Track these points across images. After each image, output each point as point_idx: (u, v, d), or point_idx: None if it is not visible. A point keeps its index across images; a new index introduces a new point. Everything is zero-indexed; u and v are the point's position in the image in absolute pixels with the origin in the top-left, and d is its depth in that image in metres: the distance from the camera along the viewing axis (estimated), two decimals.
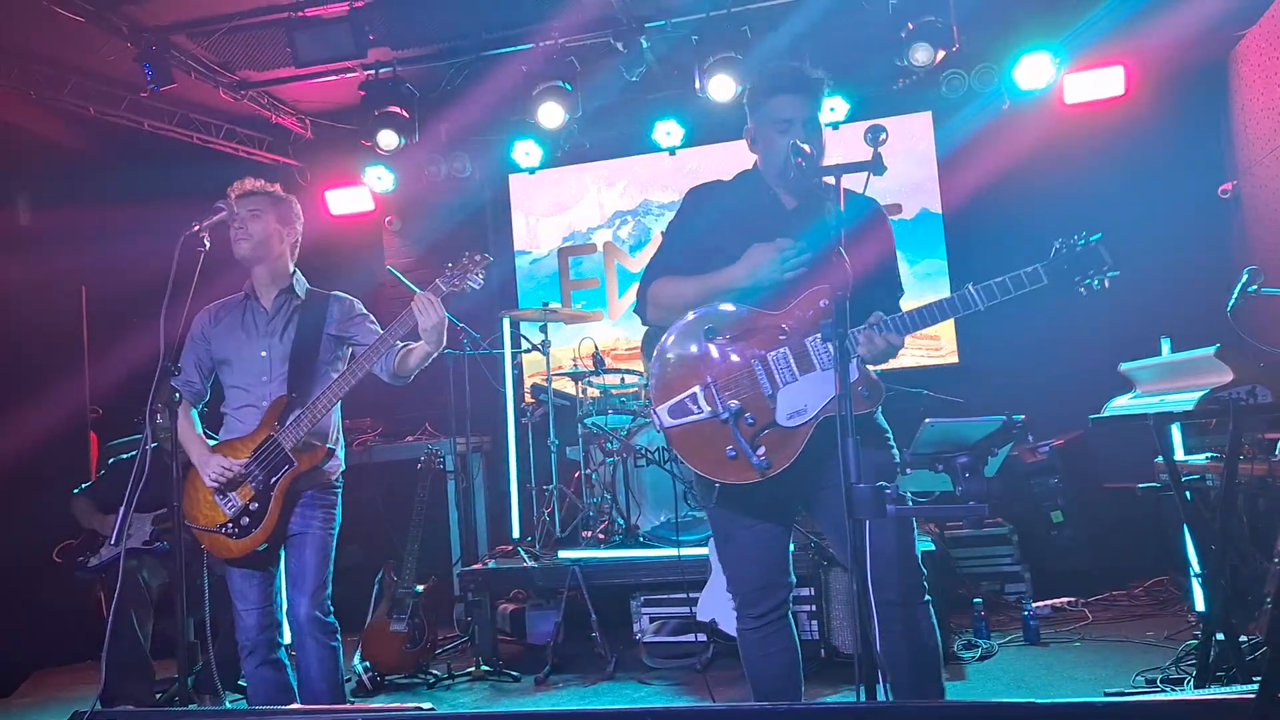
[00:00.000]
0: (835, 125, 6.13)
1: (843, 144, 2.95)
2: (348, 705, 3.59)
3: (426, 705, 2.93)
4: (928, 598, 2.79)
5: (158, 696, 4.75)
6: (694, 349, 2.73)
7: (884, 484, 2.36)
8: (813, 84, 2.79)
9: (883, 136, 2.96)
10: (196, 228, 3.14)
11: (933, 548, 4.87)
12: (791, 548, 2.90)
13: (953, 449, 2.66)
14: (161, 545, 4.80)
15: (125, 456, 5.02)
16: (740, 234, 2.78)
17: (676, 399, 2.71)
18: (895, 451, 2.79)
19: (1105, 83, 6.11)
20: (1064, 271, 2.51)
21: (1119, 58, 6.05)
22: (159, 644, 4.78)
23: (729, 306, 2.73)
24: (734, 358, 2.70)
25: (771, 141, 2.81)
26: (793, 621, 2.87)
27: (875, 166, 2.88)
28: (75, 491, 4.93)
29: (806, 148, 2.63)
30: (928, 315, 2.59)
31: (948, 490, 2.78)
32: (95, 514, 4.84)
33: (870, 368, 2.70)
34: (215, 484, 3.34)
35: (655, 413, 2.73)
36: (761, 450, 2.61)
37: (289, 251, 3.61)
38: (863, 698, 2.29)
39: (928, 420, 2.69)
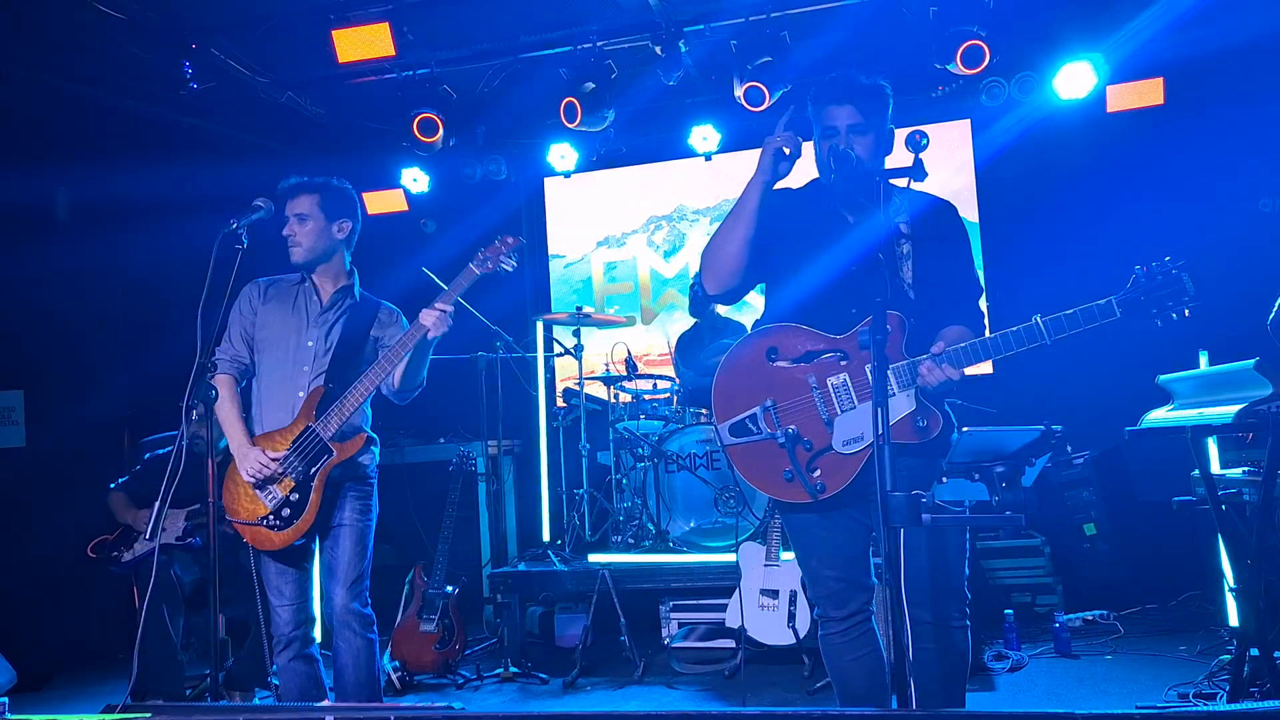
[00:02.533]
0: None
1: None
2: (377, 704, 3.60)
3: (458, 705, 2.95)
4: (967, 622, 2.77)
5: (187, 692, 4.80)
6: (756, 369, 2.76)
7: (919, 492, 2.36)
8: (862, 92, 2.78)
9: (924, 142, 2.96)
10: (235, 225, 3.16)
11: None
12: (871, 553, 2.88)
13: (990, 458, 2.64)
14: (195, 541, 4.84)
15: (162, 452, 5.06)
16: (798, 239, 2.80)
17: (737, 418, 2.74)
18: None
19: (1145, 93, 6.06)
20: (1140, 304, 2.43)
21: (1159, 68, 6.00)
22: (191, 639, 4.83)
23: (794, 328, 2.75)
24: (794, 382, 2.71)
25: (820, 152, 2.81)
26: (876, 626, 2.84)
27: (917, 172, 2.87)
28: (111, 486, 4.98)
29: (852, 149, 2.66)
30: (990, 348, 2.55)
31: (984, 500, 2.78)
32: (129, 509, 4.88)
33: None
34: (252, 479, 3.36)
35: (717, 429, 2.78)
36: (817, 474, 2.65)
37: (345, 245, 3.60)
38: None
39: (964, 429, 2.68)
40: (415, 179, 7.07)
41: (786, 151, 2.71)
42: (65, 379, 6.19)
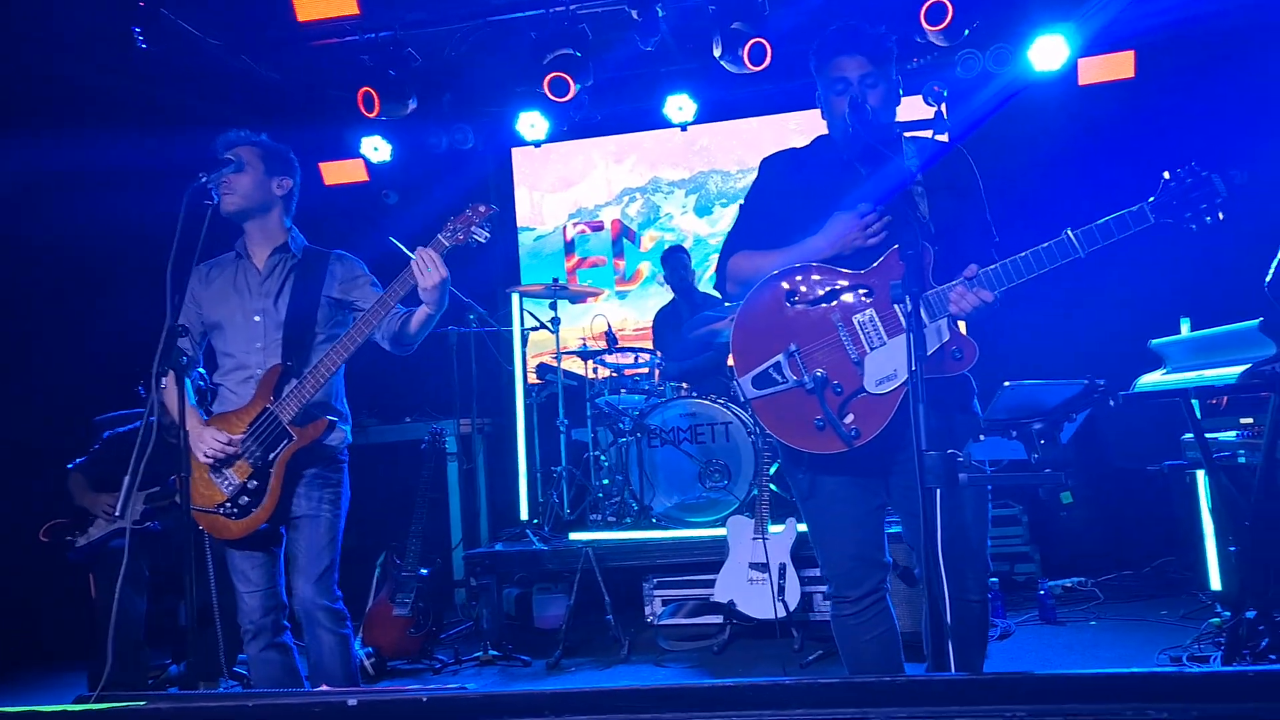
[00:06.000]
0: None
1: None
2: (402, 688, 3.41)
3: (470, 686, 2.81)
4: (989, 595, 2.72)
5: (150, 682, 4.58)
6: (775, 315, 2.60)
7: (955, 451, 2.27)
8: (871, 41, 2.67)
9: (945, 94, 2.88)
10: (204, 179, 2.96)
11: None
12: (892, 520, 2.79)
13: (1029, 414, 2.59)
14: (154, 525, 4.64)
15: (122, 430, 4.82)
16: (817, 201, 2.67)
17: (760, 369, 2.59)
18: (979, 416, 2.69)
19: (1116, 67, 6.10)
20: (1173, 208, 2.36)
21: (1130, 41, 6.04)
22: (151, 627, 4.60)
23: (809, 267, 2.61)
24: (818, 323, 2.57)
25: (832, 106, 2.70)
26: (891, 603, 2.75)
27: (938, 125, 2.80)
28: (70, 467, 4.72)
29: (866, 101, 2.56)
30: (1023, 267, 2.44)
31: (1019, 459, 2.72)
32: (87, 491, 4.65)
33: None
34: (209, 460, 3.12)
35: (738, 383, 2.62)
36: (850, 418, 2.50)
37: (282, 206, 3.34)
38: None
39: (1006, 383, 2.62)
40: (376, 148, 6.81)
41: (870, 243, 2.57)
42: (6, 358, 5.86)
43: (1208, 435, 4.26)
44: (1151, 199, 2.38)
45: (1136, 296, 5.66)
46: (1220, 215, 2.36)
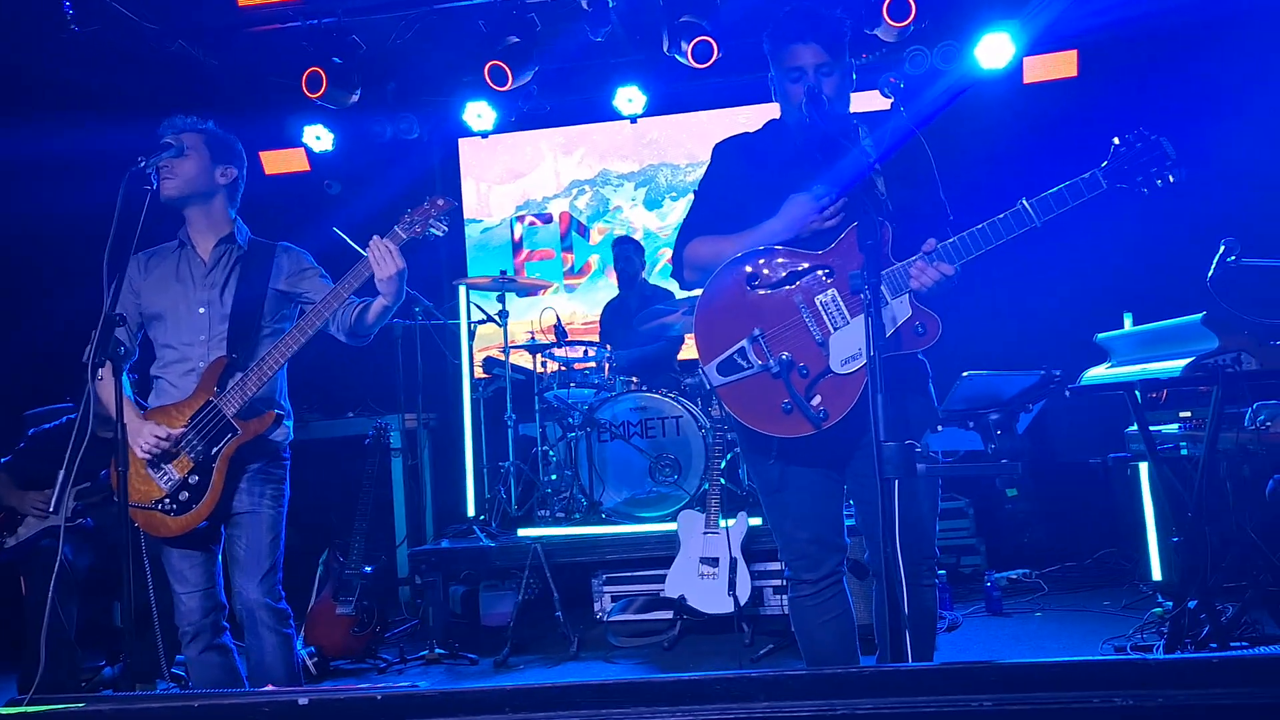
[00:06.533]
0: None
1: None
2: (351, 686, 3.32)
3: (422, 684, 2.73)
4: (936, 580, 2.73)
5: (83, 685, 4.42)
6: (738, 300, 2.59)
7: (913, 442, 2.26)
8: (827, 27, 2.66)
9: (901, 85, 2.89)
10: (143, 163, 2.85)
11: None
12: (845, 511, 2.79)
13: (986, 405, 2.60)
14: (87, 521, 4.51)
15: (48, 427, 4.65)
16: (772, 185, 2.66)
17: (725, 355, 2.57)
18: (935, 400, 2.69)
19: (1059, 65, 6.19)
20: (1125, 172, 2.38)
21: (1073, 40, 6.13)
22: (85, 628, 4.46)
23: (770, 250, 2.60)
24: (780, 306, 2.56)
25: (787, 93, 2.69)
26: (847, 588, 2.76)
27: (893, 116, 2.80)
28: None
29: (822, 90, 2.54)
30: (980, 239, 2.45)
31: (975, 450, 2.72)
32: (13, 490, 4.48)
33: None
34: (147, 455, 3.01)
35: (704, 371, 2.60)
36: (817, 400, 2.49)
37: (225, 195, 3.24)
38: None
39: (965, 373, 2.62)
40: (318, 137, 6.67)
41: (828, 225, 2.57)
42: None
43: (1162, 427, 4.34)
44: (1104, 164, 2.40)
45: (1084, 291, 5.75)
46: (1170, 178, 2.39)
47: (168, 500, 3.04)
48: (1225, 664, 1.66)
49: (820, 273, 2.55)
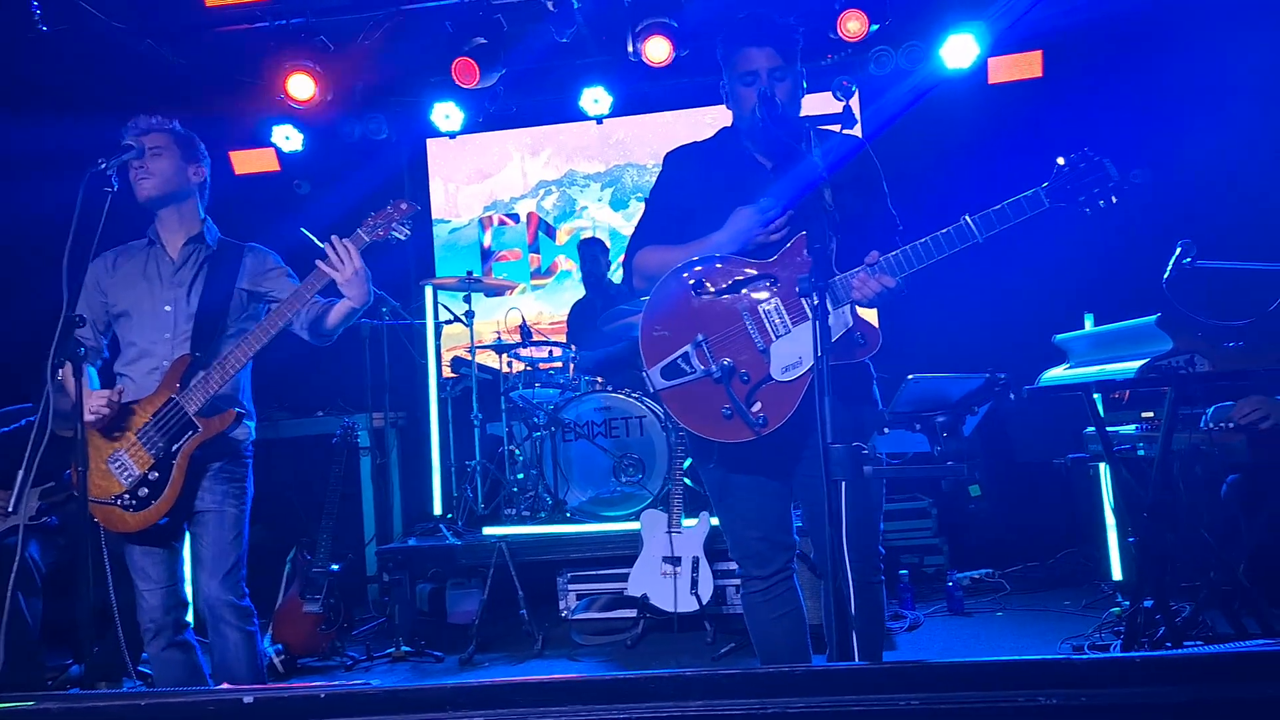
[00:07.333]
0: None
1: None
2: (305, 684, 3.32)
3: (374, 682, 2.75)
4: (881, 577, 2.77)
5: (48, 684, 4.40)
6: (683, 306, 2.62)
7: (860, 444, 2.29)
8: (779, 33, 2.70)
9: (852, 89, 2.91)
10: (103, 165, 2.87)
11: None
12: (793, 508, 2.82)
13: (932, 407, 2.62)
14: (51, 520, 4.47)
15: (7, 430, 4.63)
16: (720, 196, 2.69)
17: (668, 359, 2.61)
18: (880, 406, 2.73)
19: (1024, 66, 6.23)
20: (1067, 191, 2.40)
21: (1038, 41, 6.17)
22: (52, 626, 4.43)
23: (715, 258, 2.63)
24: (724, 313, 2.59)
25: (740, 97, 2.72)
26: (797, 583, 2.79)
27: (846, 120, 2.82)
28: None
29: (775, 94, 2.57)
30: (923, 252, 2.47)
31: (922, 451, 2.75)
32: None
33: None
34: (93, 417, 2.99)
35: (648, 374, 2.63)
36: (757, 406, 2.52)
37: (198, 194, 3.29)
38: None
39: (910, 376, 2.64)
40: (288, 137, 6.67)
41: (773, 239, 2.59)
42: None
43: (1110, 429, 4.38)
44: (1046, 184, 2.42)
45: (1043, 292, 5.79)
46: (1113, 199, 2.40)
47: (127, 496, 3.05)
48: (1147, 663, 1.70)
49: (765, 282, 2.58)
